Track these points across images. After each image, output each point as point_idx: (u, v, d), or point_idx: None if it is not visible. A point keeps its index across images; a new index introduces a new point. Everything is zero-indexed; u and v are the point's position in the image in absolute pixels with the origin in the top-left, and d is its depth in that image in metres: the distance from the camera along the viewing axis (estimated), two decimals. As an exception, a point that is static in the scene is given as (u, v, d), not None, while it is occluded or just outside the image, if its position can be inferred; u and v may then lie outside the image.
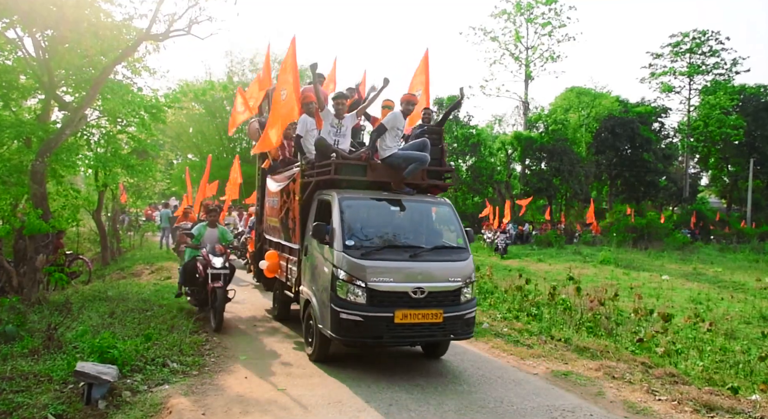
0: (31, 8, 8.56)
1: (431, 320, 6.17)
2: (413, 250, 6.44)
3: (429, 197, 7.41)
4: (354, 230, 6.42)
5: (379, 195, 6.95)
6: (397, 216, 6.95)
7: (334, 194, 6.70)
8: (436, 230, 7.17)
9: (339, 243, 6.23)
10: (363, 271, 6.05)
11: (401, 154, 7.07)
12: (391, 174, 7.08)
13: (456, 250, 6.82)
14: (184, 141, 30.31)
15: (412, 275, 6.22)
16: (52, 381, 5.49)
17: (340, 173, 6.82)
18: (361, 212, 6.75)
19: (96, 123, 12.06)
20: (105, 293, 10.19)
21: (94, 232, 18.58)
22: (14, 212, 9.93)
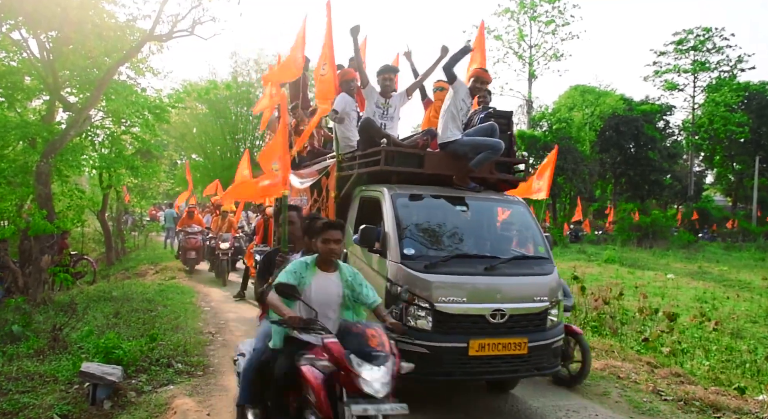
0: (35, 10, 8.61)
1: (514, 351, 4.89)
2: (488, 261, 5.12)
3: (499, 194, 6.12)
4: (413, 236, 5.20)
5: (441, 192, 5.66)
6: (464, 218, 5.73)
7: (384, 190, 5.42)
8: (508, 235, 5.99)
9: (395, 252, 4.96)
10: (428, 288, 4.78)
11: (467, 140, 5.75)
12: (454, 166, 5.78)
13: (538, 261, 5.55)
14: (188, 141, 30.39)
15: (489, 293, 4.95)
16: (57, 381, 5.51)
17: (392, 164, 5.54)
18: (421, 213, 5.52)
19: (100, 124, 12.13)
20: (110, 293, 10.21)
21: (99, 232, 18.66)
22: (19, 213, 9.98)
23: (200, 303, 10.18)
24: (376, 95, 6.29)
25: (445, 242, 5.38)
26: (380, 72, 6.36)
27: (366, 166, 5.80)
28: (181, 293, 10.80)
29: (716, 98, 44.84)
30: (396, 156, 5.60)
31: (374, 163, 5.62)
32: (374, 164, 5.62)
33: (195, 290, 11.53)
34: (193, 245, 14.28)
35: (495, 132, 5.81)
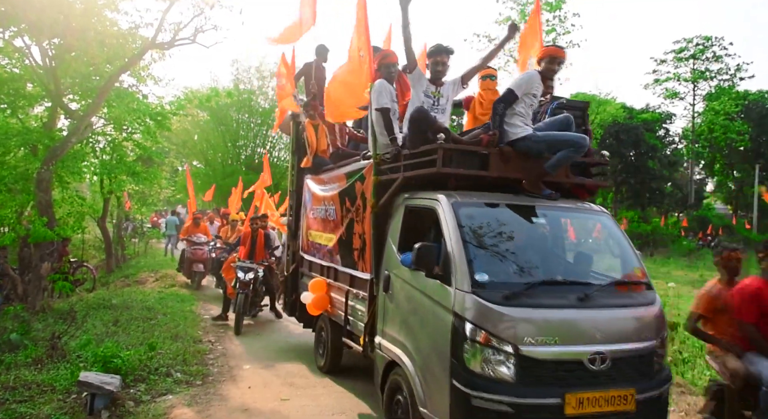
0: (38, 17, 8.63)
1: (619, 406, 3.80)
2: (580, 288, 4.06)
3: (577, 203, 4.94)
4: (484, 257, 4.11)
5: (511, 200, 4.57)
6: (541, 233, 4.81)
7: (441, 198, 4.36)
8: (593, 254, 4.90)
9: (464, 278, 3.84)
10: (512, 326, 3.70)
11: (543, 136, 4.71)
12: (524, 168, 4.69)
13: (636, 287, 4.42)
14: (190, 148, 30.40)
15: (586, 331, 3.86)
16: (55, 390, 5.47)
17: (451, 165, 4.47)
18: (490, 227, 4.40)
19: (102, 130, 12.17)
20: (109, 301, 10.19)
21: (99, 239, 18.64)
22: (20, 220, 9.98)
23: (200, 311, 10.16)
24: (425, 82, 5.23)
25: (523, 264, 4.29)
26: (432, 53, 5.24)
27: (415, 168, 4.76)
28: (181, 301, 10.78)
29: (716, 107, 44.94)
30: (454, 155, 4.53)
31: (427, 164, 4.57)
32: (427, 165, 4.57)
33: (195, 298, 11.50)
34: (199, 257, 12.91)
35: (571, 126, 4.84)
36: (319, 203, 6.95)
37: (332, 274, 6.40)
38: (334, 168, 6.74)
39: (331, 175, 6.75)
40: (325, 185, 6.79)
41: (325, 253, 6.61)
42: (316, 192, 7.04)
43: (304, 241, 7.52)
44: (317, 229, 7.00)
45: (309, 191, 7.40)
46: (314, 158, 7.17)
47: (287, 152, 29.74)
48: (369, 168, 5.42)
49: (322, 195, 6.80)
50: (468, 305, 3.77)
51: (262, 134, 29.76)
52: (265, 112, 28.68)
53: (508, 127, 4.73)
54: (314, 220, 7.13)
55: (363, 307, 5.43)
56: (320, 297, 6.46)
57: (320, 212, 6.90)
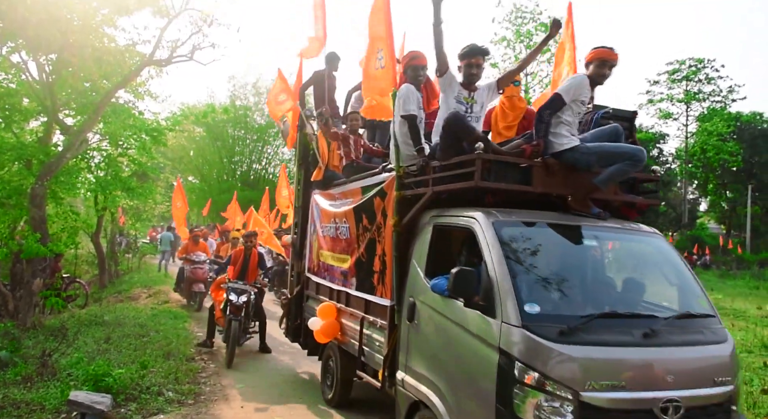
0: (36, 33, 8.66)
1: None
2: (643, 322, 3.56)
3: (628, 224, 4.41)
4: (533, 285, 3.63)
5: (558, 219, 4.07)
6: (593, 258, 4.31)
7: (480, 217, 3.85)
8: (639, 281, 4.29)
9: (511, 309, 3.34)
10: (571, 368, 3.21)
11: (594, 148, 4.21)
12: (571, 182, 4.21)
13: (704, 320, 3.85)
14: (185, 163, 30.45)
15: (656, 374, 3.34)
16: (44, 410, 5.39)
17: (490, 179, 3.99)
18: (538, 251, 3.90)
19: (97, 146, 12.14)
20: (101, 317, 10.09)
21: (92, 254, 18.53)
22: (12, 235, 9.91)
23: (193, 329, 10.06)
24: (457, 87, 4.67)
25: (576, 293, 3.85)
26: (465, 55, 4.67)
27: (447, 181, 4.25)
28: (173, 318, 10.69)
29: (708, 128, 45.42)
30: (493, 168, 4.01)
31: (462, 177, 4.07)
32: (462, 178, 4.06)
33: (188, 315, 11.40)
34: (200, 277, 12.19)
35: (621, 137, 4.40)
36: (330, 220, 6.38)
37: (343, 298, 5.86)
38: (347, 182, 6.21)
39: (344, 190, 6.22)
40: (337, 201, 6.29)
41: (338, 275, 6.04)
42: (326, 208, 6.49)
43: (312, 261, 7.01)
44: (327, 248, 6.43)
45: (317, 207, 6.85)
46: (325, 172, 6.70)
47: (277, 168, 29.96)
48: (390, 182, 4.91)
49: (333, 212, 6.24)
50: (517, 341, 3.25)
51: (258, 150, 29.86)
52: (261, 128, 28.81)
53: (552, 137, 4.25)
54: (324, 238, 6.57)
55: (381, 337, 4.90)
56: (330, 324, 5.90)
57: (331, 230, 6.34)
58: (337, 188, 6.46)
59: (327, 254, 6.43)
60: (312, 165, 7.12)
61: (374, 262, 5.14)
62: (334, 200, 6.37)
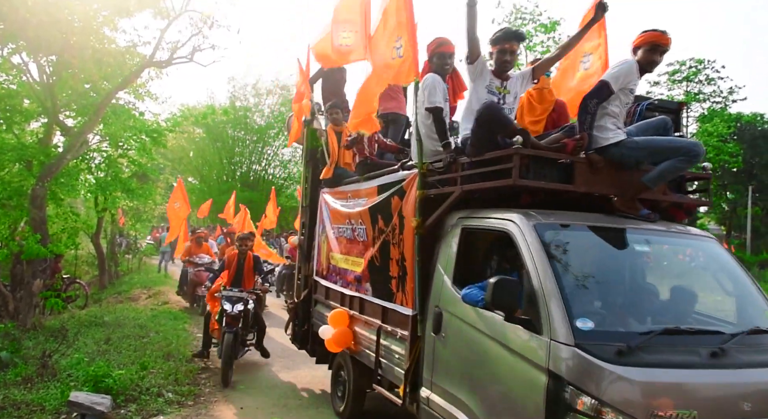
0: (36, 35, 8.68)
1: None
2: (709, 339, 3.13)
3: (677, 226, 4.01)
4: (584, 297, 3.25)
5: (605, 221, 3.67)
6: (646, 265, 3.93)
7: (518, 219, 3.47)
8: (690, 290, 3.84)
9: (561, 325, 2.94)
10: (633, 394, 2.79)
11: (643, 142, 3.82)
12: (617, 180, 3.84)
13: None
14: (185, 164, 30.49)
15: (730, 401, 2.91)
16: (45, 410, 5.40)
17: (528, 176, 3.60)
18: (586, 258, 3.53)
19: (97, 147, 12.16)
20: (101, 318, 10.10)
21: (92, 255, 18.54)
22: (13, 236, 9.92)
23: (193, 330, 10.07)
24: (488, 76, 4.24)
25: (631, 306, 3.49)
26: (498, 40, 4.21)
27: (477, 179, 3.89)
28: (173, 318, 10.70)
29: (708, 128, 45.39)
30: (531, 164, 3.64)
31: (496, 175, 3.71)
32: (496, 176, 3.70)
33: (187, 316, 11.41)
34: (204, 280, 11.25)
35: (669, 131, 4.05)
36: (342, 220, 5.95)
37: (357, 305, 5.47)
38: (360, 180, 5.79)
39: (357, 188, 5.76)
40: (349, 200, 5.85)
41: (351, 280, 5.63)
42: (337, 208, 6.09)
43: (321, 264, 6.61)
44: (339, 251, 6.03)
45: (327, 207, 6.45)
46: (335, 169, 6.33)
47: (283, 169, 30.03)
48: (411, 180, 4.55)
49: (346, 212, 5.83)
50: (570, 362, 2.85)
51: (258, 151, 29.88)
52: (261, 129, 28.84)
53: (596, 130, 3.86)
54: (335, 240, 6.16)
55: (401, 349, 4.53)
56: (342, 333, 5.51)
57: (343, 232, 5.91)
58: (349, 187, 6.00)
59: (338, 257, 6.04)
60: (321, 162, 6.74)
61: (392, 266, 4.77)
62: (346, 199, 5.94)
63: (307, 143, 7.18)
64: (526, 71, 4.47)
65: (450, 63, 4.81)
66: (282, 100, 28.61)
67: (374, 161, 5.97)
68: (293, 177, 28.95)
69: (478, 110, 3.97)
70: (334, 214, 6.22)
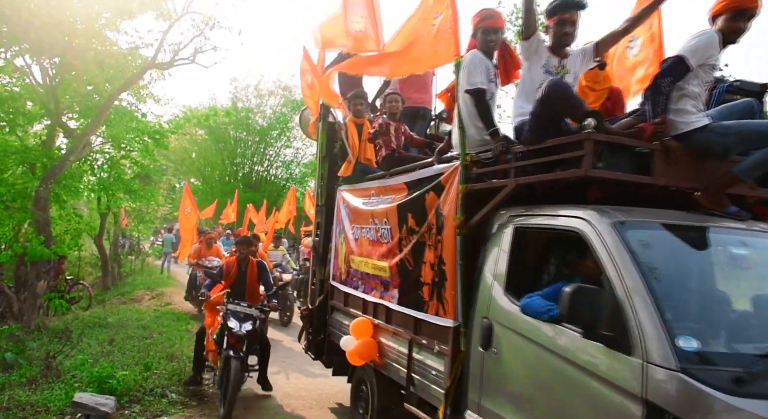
0: (39, 37, 8.72)
1: None
2: None
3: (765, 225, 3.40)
4: (683, 311, 2.76)
5: (690, 220, 3.16)
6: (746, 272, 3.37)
7: (593, 217, 2.97)
8: None
9: (659, 345, 2.43)
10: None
11: (733, 126, 3.32)
12: (702, 171, 3.32)
13: None
14: (187, 166, 30.54)
15: None
16: (49, 411, 5.43)
17: (599, 166, 3.11)
18: (681, 264, 3.02)
19: (100, 149, 12.19)
20: (105, 319, 10.14)
21: (95, 256, 18.61)
22: (17, 238, 9.96)
23: (196, 330, 10.09)
24: (545, 54, 3.76)
25: (740, 321, 2.99)
26: (556, 9, 3.70)
27: (535, 171, 3.42)
28: (176, 319, 10.74)
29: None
30: (604, 152, 3.13)
31: (560, 165, 3.27)
32: (562, 165, 3.24)
33: (190, 317, 11.45)
34: None
35: (756, 115, 3.55)
36: (364, 220, 5.34)
37: (383, 313, 4.91)
38: (386, 176, 5.23)
39: (382, 185, 5.18)
40: (373, 198, 5.27)
41: (375, 285, 5.07)
42: (358, 207, 5.51)
43: (338, 267, 5.97)
44: (360, 253, 5.40)
45: (346, 206, 5.85)
46: (356, 165, 5.80)
47: (285, 170, 30.05)
48: (451, 174, 3.96)
49: (369, 210, 5.25)
50: (675, 391, 2.32)
51: (260, 152, 29.91)
52: (263, 130, 28.87)
53: (673, 114, 3.31)
54: (355, 241, 5.54)
55: (440, 365, 3.95)
56: (366, 344, 4.94)
57: (366, 232, 5.30)
58: (372, 183, 5.42)
59: (359, 260, 5.40)
60: (340, 158, 6.22)
61: (424, 271, 4.23)
62: (369, 196, 5.36)
63: (322, 138, 6.54)
64: (587, 48, 3.88)
65: (495, 39, 4.20)
66: (284, 101, 28.65)
67: (402, 155, 5.37)
68: (295, 178, 28.97)
69: (543, 88, 3.44)
70: (355, 213, 5.60)
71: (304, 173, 28.95)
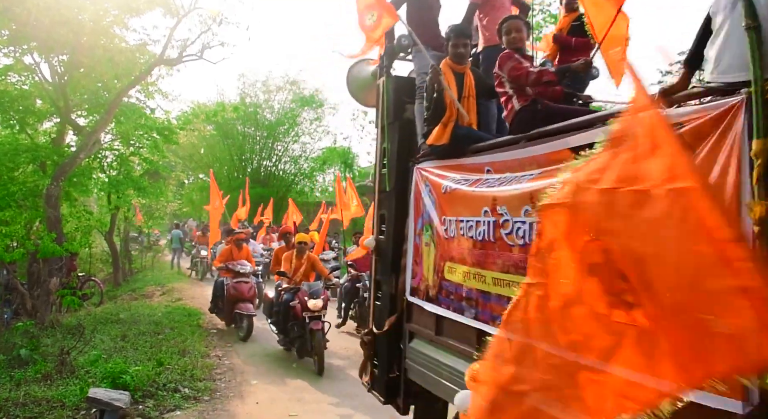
0: (49, 36, 8.77)
1: None
2: None
3: None
4: None
5: None
6: None
7: None
8: None
9: None
10: None
11: None
12: None
13: None
14: (196, 161, 30.59)
15: None
16: (64, 406, 5.49)
17: None
18: None
19: (109, 146, 12.26)
20: (117, 315, 10.22)
21: (106, 253, 18.73)
22: (29, 235, 10.04)
23: (207, 326, 10.16)
24: None
25: None
26: None
27: None
28: (188, 315, 10.79)
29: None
30: None
31: None
32: None
33: (201, 311, 11.51)
34: (245, 294, 9.09)
35: None
36: (470, 209, 3.45)
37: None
38: (520, 142, 3.26)
39: (515, 156, 3.25)
40: (488, 176, 3.42)
41: (490, 307, 3.19)
42: (458, 190, 3.61)
43: (423, 277, 4.00)
44: (465, 259, 3.47)
45: (431, 190, 3.98)
46: (456, 129, 3.83)
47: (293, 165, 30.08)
48: (720, 117, 1.95)
49: (482, 194, 3.35)
50: None
51: (268, 147, 29.93)
52: (271, 125, 28.88)
53: None
54: (453, 242, 3.62)
55: None
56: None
57: (473, 229, 3.40)
58: (488, 156, 3.52)
59: (463, 270, 3.48)
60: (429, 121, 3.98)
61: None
62: (480, 174, 3.50)
63: (385, 98, 4.65)
64: None
65: None
66: (292, 96, 28.63)
67: (551, 107, 3.46)
68: (304, 172, 28.98)
69: None
70: (452, 200, 3.69)
71: (313, 168, 28.90)
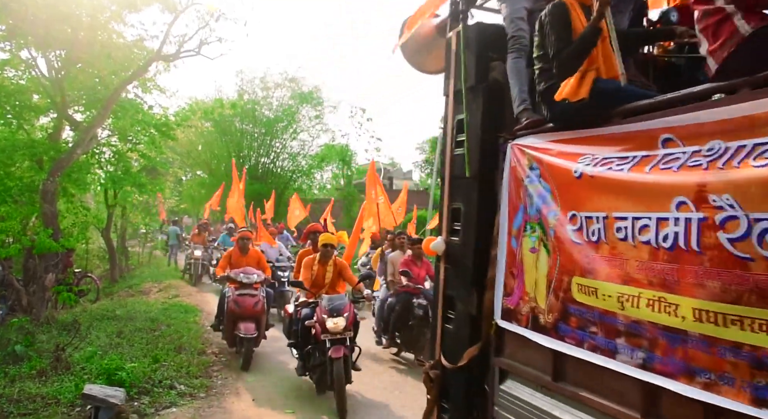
0: (46, 31, 8.72)
1: None
2: None
3: None
4: None
5: None
6: None
7: None
8: None
9: None
10: None
11: None
12: None
13: None
14: (194, 158, 30.52)
15: None
16: (59, 403, 5.47)
17: None
18: None
19: (106, 141, 12.21)
20: (113, 312, 10.19)
21: (103, 249, 18.69)
22: (25, 231, 9.99)
23: (203, 323, 10.14)
24: None
25: None
26: None
27: None
28: (184, 311, 10.77)
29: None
30: None
31: None
32: None
33: (198, 308, 11.49)
34: (249, 310, 7.29)
35: None
36: (647, 202, 2.17)
37: None
38: (735, 93, 2.00)
39: (718, 116, 1.97)
40: (672, 151, 2.15)
41: (682, 354, 1.99)
42: (614, 172, 2.35)
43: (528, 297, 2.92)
44: (627, 276, 2.26)
45: (544, 175, 2.86)
46: (597, 82, 2.68)
47: (292, 162, 30.05)
48: None
49: (666, 178, 2.09)
50: None
51: (266, 144, 29.88)
52: (269, 122, 28.83)
53: None
54: (601, 249, 2.41)
55: None
56: None
57: (658, 232, 2.10)
58: (657, 120, 2.28)
59: (624, 292, 2.27)
60: (559, 69, 2.81)
61: None
62: (650, 147, 2.26)
63: (462, 55, 3.52)
64: None
65: None
66: (291, 93, 28.58)
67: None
68: (302, 169, 28.96)
69: None
70: (597, 188, 2.47)
71: (311, 165, 28.86)
